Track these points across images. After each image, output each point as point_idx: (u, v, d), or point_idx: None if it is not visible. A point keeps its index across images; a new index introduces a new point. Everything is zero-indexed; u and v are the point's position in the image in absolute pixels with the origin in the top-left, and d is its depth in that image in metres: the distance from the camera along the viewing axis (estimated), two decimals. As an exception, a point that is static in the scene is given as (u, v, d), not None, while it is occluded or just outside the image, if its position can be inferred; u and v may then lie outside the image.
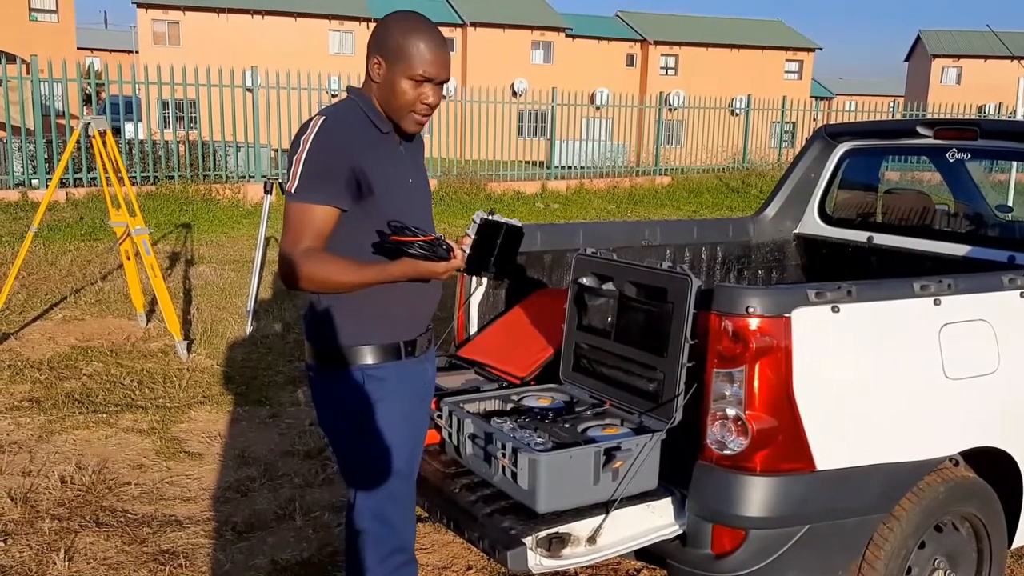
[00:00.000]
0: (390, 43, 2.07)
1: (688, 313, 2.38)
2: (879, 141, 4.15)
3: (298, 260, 2.02)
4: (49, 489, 3.83)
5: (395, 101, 2.09)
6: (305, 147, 2.03)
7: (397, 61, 2.06)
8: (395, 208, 2.11)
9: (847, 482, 2.31)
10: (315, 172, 2.02)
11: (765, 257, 4.32)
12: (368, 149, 2.08)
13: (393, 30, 2.08)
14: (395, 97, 2.08)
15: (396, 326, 2.14)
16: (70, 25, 29.75)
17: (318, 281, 2.04)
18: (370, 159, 2.07)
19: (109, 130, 5.93)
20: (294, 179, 2.04)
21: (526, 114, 23.75)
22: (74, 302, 7.22)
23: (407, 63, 2.05)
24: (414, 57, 2.05)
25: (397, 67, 2.06)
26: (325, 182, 2.03)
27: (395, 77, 2.07)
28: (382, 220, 2.08)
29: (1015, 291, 2.61)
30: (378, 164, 2.09)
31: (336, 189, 2.03)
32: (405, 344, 2.16)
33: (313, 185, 2.03)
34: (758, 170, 19.08)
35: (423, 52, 2.05)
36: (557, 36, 41.60)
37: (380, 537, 2.20)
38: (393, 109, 2.11)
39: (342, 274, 2.03)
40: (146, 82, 13.34)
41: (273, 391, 5.21)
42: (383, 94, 2.10)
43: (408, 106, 2.09)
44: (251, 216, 12.34)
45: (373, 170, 2.07)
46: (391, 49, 2.07)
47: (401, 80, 2.06)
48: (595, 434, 2.48)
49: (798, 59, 45.51)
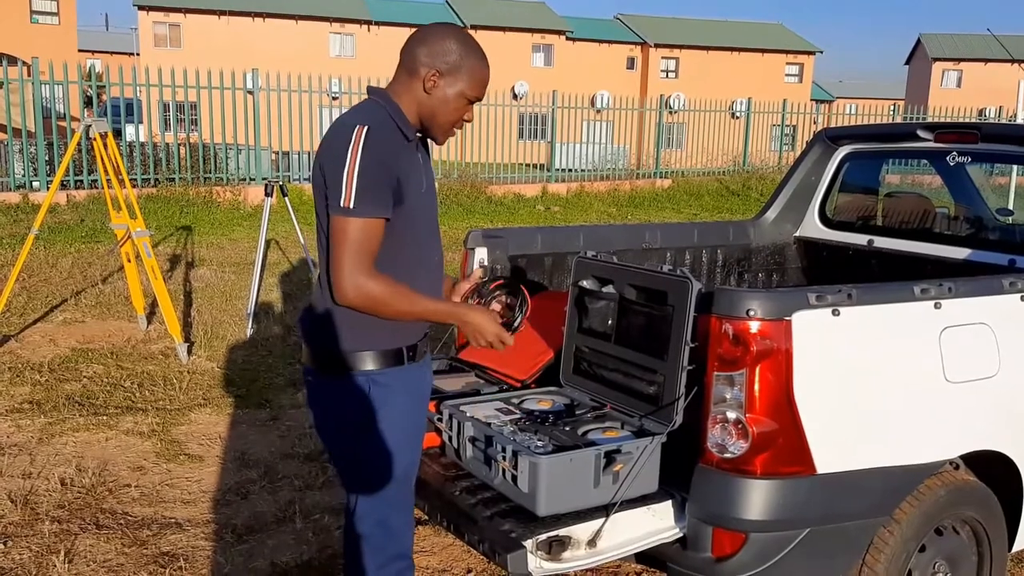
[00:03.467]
0: (452, 59, 2.06)
1: (688, 316, 2.38)
2: (879, 144, 4.15)
3: (375, 282, 1.99)
4: (49, 491, 3.83)
5: (442, 116, 2.09)
6: (355, 158, 1.96)
7: (457, 79, 2.06)
8: (417, 216, 2.12)
9: (847, 485, 2.31)
10: (371, 185, 1.97)
11: (765, 260, 4.32)
12: (403, 158, 2.07)
13: (455, 46, 2.07)
14: (444, 112, 2.09)
15: (399, 331, 2.13)
16: (71, 27, 29.78)
17: (398, 311, 2.04)
18: (405, 169, 2.06)
19: (110, 132, 5.93)
20: (349, 194, 1.95)
21: (526, 117, 23.76)
22: (75, 304, 7.22)
23: (468, 83, 2.07)
24: (476, 77, 2.07)
25: (455, 85, 2.07)
26: (381, 195, 1.99)
27: (450, 94, 2.07)
28: (407, 229, 2.09)
29: (1016, 294, 2.61)
30: (410, 174, 2.09)
31: (388, 201, 2.01)
32: (407, 349, 2.16)
33: (372, 199, 1.97)
34: (758, 173, 19.07)
35: (482, 74, 2.08)
36: (557, 39, 41.63)
37: (380, 543, 2.19)
38: (436, 122, 2.11)
39: (414, 305, 2.05)
40: (147, 84, 13.35)
41: (273, 393, 5.21)
42: (429, 106, 2.09)
43: (451, 122, 2.11)
44: (252, 218, 12.35)
45: (406, 180, 2.06)
46: (452, 65, 2.06)
47: (457, 98, 2.08)
48: (595, 437, 2.48)
49: (798, 62, 45.53)
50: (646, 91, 39.46)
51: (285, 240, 10.57)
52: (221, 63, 17.71)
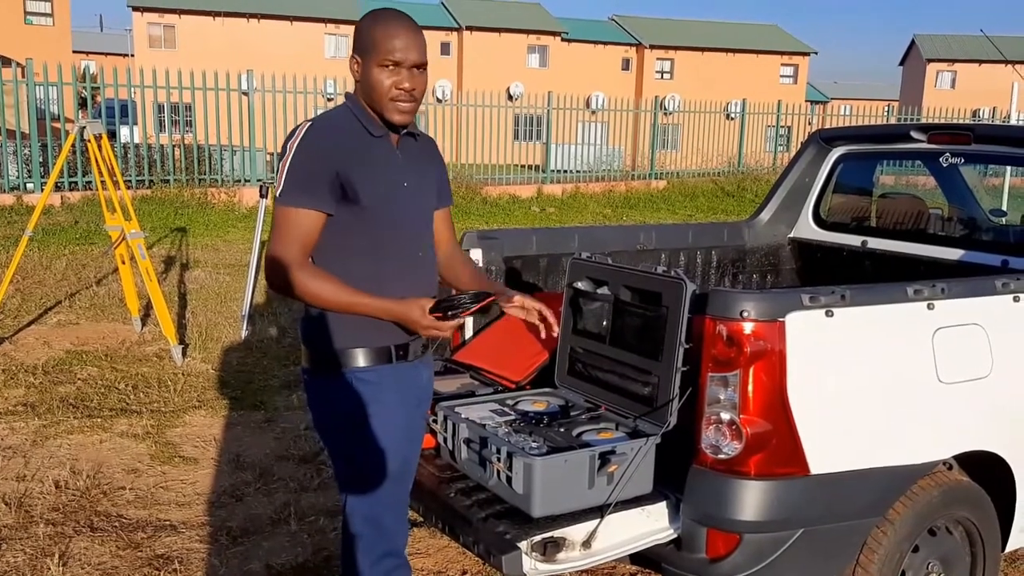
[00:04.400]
0: (361, 38, 2.11)
1: (682, 317, 2.39)
2: (873, 145, 4.16)
3: (291, 268, 2.06)
4: (43, 494, 3.82)
5: (374, 93, 2.11)
6: (291, 152, 2.07)
7: (367, 53, 2.09)
8: (387, 214, 2.13)
9: (841, 486, 2.32)
10: (299, 176, 2.06)
11: (760, 261, 4.33)
12: (355, 154, 2.10)
13: (362, 25, 2.13)
14: (373, 89, 2.10)
15: (386, 330, 2.14)
16: (65, 28, 29.71)
17: (309, 295, 2.08)
18: (356, 164, 2.09)
19: (104, 134, 5.92)
20: (279, 183, 2.09)
21: (522, 118, 23.76)
22: (69, 306, 7.21)
23: (375, 51, 2.08)
24: (380, 44, 2.07)
25: (369, 59, 2.09)
26: (309, 186, 2.06)
27: (369, 69, 2.10)
28: (372, 226, 2.11)
29: (1008, 295, 2.62)
30: (367, 169, 2.10)
31: (320, 193, 2.06)
32: (396, 348, 2.17)
33: (297, 189, 2.06)
34: (753, 174, 19.11)
35: (389, 38, 2.08)
36: (553, 40, 41.66)
37: (371, 541, 2.20)
38: (375, 102, 2.12)
39: (334, 295, 2.08)
40: (141, 85, 13.34)
41: (268, 395, 5.21)
42: (365, 91, 2.13)
43: (386, 95, 2.10)
44: (246, 220, 12.34)
45: (360, 175, 2.08)
46: (361, 43, 2.11)
47: (374, 70, 2.09)
48: (590, 438, 2.48)
49: (793, 63, 45.63)
50: (641, 92, 39.53)
51: (280, 241, 10.55)
52: (216, 64, 17.68)
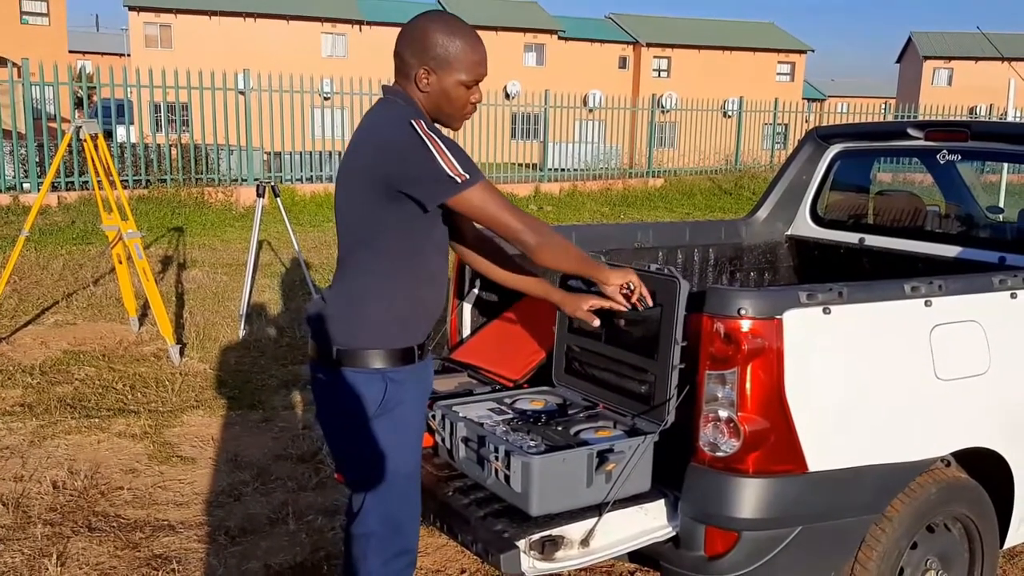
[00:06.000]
0: (437, 51, 2.04)
1: (678, 315, 2.39)
2: (870, 143, 4.17)
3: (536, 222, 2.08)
4: (41, 494, 3.82)
5: (448, 107, 2.09)
6: (433, 141, 1.97)
7: (446, 67, 2.05)
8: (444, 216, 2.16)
9: (839, 483, 2.32)
10: (463, 156, 2.00)
11: (757, 259, 4.33)
12: None
13: (439, 37, 2.04)
14: (449, 103, 2.08)
15: (411, 330, 2.14)
16: (62, 28, 29.69)
17: (561, 245, 2.13)
18: None
19: (101, 133, 5.92)
20: (454, 168, 1.96)
21: (519, 116, 23.75)
22: (66, 306, 7.20)
23: (461, 69, 2.05)
24: (467, 62, 2.04)
25: (448, 74, 2.05)
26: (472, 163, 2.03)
27: (447, 85, 2.06)
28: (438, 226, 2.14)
29: (1006, 292, 2.62)
30: None
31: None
32: (417, 347, 2.17)
33: (473, 167, 2.01)
34: (750, 172, 19.11)
35: (472, 57, 2.05)
36: (549, 38, 41.63)
37: (386, 539, 2.18)
38: (445, 114, 2.11)
39: (575, 248, 2.17)
40: (138, 85, 13.31)
41: (266, 395, 5.20)
42: (433, 101, 2.09)
43: (462, 109, 2.10)
44: (243, 219, 12.32)
45: None
46: (436, 55, 2.04)
47: (455, 87, 2.06)
48: (588, 437, 2.48)
49: (790, 61, 45.63)
50: (638, 90, 39.50)
51: (277, 241, 10.55)
52: (212, 63, 17.67)
